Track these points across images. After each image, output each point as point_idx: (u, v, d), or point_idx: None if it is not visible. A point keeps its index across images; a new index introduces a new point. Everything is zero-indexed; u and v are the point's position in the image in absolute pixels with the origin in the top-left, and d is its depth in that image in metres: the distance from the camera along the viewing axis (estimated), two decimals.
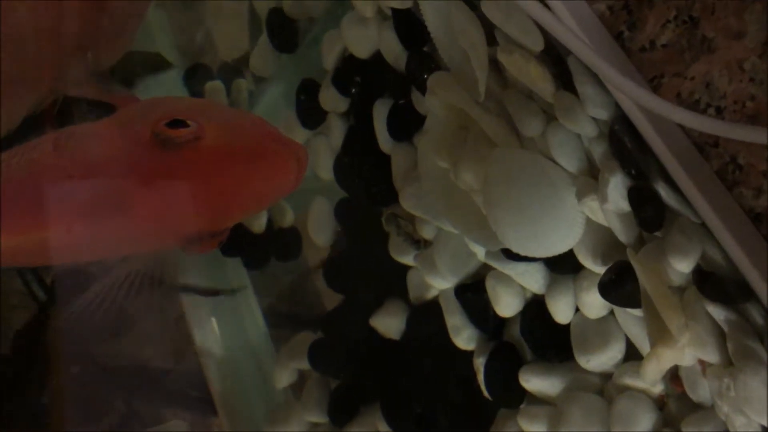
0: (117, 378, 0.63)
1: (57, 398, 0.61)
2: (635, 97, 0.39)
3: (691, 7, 0.40)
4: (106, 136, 0.43)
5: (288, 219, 0.59)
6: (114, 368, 0.63)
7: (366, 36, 0.50)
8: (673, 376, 0.42)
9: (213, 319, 0.60)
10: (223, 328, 0.61)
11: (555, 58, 0.43)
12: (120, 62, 0.50)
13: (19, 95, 0.47)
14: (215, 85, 0.58)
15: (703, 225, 0.40)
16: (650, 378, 0.41)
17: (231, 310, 0.61)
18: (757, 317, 0.39)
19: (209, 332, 0.60)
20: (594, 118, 0.42)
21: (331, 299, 0.57)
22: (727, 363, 0.39)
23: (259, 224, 0.58)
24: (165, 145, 0.40)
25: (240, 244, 0.59)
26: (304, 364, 0.56)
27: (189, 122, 0.41)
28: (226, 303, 0.61)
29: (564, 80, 0.43)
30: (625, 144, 0.41)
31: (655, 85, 0.41)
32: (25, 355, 0.62)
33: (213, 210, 0.42)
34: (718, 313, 0.40)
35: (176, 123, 0.40)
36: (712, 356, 0.40)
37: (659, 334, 0.40)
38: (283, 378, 0.57)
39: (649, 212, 0.41)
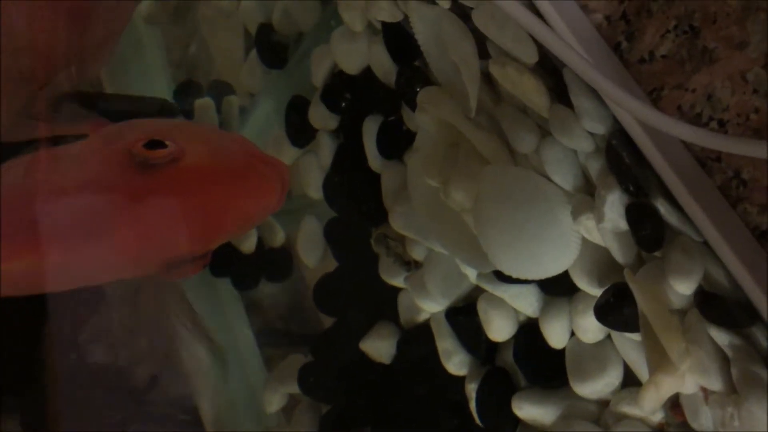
0: (108, 400, 0.59)
1: (52, 417, 0.58)
2: (637, 113, 0.36)
3: (692, 17, 0.37)
4: (83, 158, 0.40)
5: (278, 239, 0.56)
6: (104, 389, 0.60)
7: (355, 51, 0.48)
8: (674, 403, 0.39)
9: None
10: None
11: (550, 69, 0.41)
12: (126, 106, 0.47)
13: (4, 110, 0.44)
14: (205, 102, 0.55)
15: (706, 244, 0.37)
16: (649, 407, 0.37)
17: (222, 331, 0.58)
18: (763, 341, 0.36)
19: (199, 354, 0.57)
20: (590, 133, 0.39)
21: (329, 318, 0.54)
22: (731, 390, 0.36)
23: (248, 244, 0.55)
24: (143, 166, 0.38)
25: (229, 264, 0.56)
26: (295, 388, 0.53)
27: (167, 143, 0.38)
28: (217, 323, 0.58)
29: (559, 93, 0.40)
30: (623, 159, 0.38)
31: (654, 97, 0.39)
32: None
33: (193, 233, 0.39)
34: (721, 337, 0.37)
35: (154, 144, 0.38)
36: (714, 383, 0.37)
37: (658, 360, 0.37)
38: (274, 402, 0.54)
39: (648, 231, 0.38)
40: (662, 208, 0.38)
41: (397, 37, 0.46)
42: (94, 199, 0.39)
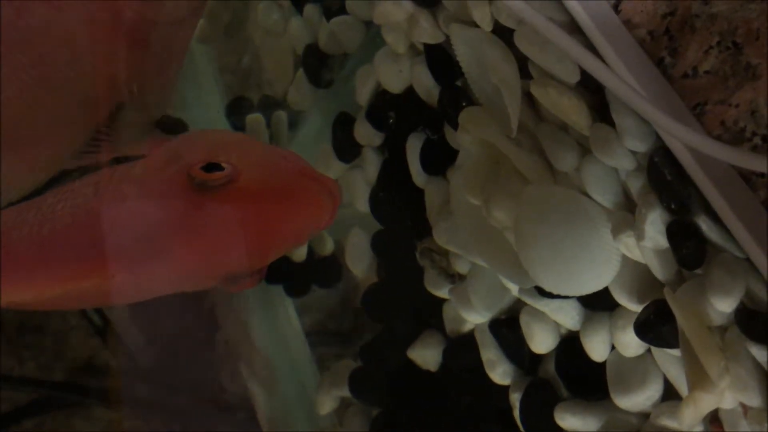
0: (171, 399, 0.60)
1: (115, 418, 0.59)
2: (691, 142, 0.35)
3: (735, 33, 0.36)
4: (144, 180, 0.41)
5: (328, 247, 0.56)
6: (168, 389, 0.60)
7: (398, 71, 0.47)
8: (713, 418, 0.38)
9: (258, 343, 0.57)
10: (269, 351, 0.58)
11: (591, 87, 0.40)
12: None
13: (64, 138, 0.45)
14: (256, 118, 0.56)
15: (748, 260, 0.36)
16: (688, 424, 0.37)
17: (274, 334, 0.58)
18: None
19: (254, 355, 0.57)
20: (632, 151, 0.38)
21: None
22: None
23: (300, 253, 0.56)
24: (201, 188, 0.39)
25: (281, 272, 0.56)
26: (346, 392, 0.53)
27: (224, 165, 0.39)
28: (269, 326, 0.58)
29: (601, 111, 0.39)
30: (664, 177, 0.37)
31: (698, 112, 0.38)
32: None
33: (249, 250, 0.40)
34: (761, 354, 0.36)
35: (211, 166, 0.39)
36: (754, 400, 0.36)
37: (697, 377, 0.36)
38: (326, 404, 0.54)
39: (689, 249, 0.37)
40: (704, 225, 0.37)
41: (439, 58, 0.45)
42: (156, 220, 0.40)
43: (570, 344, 0.42)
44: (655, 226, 0.37)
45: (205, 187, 0.39)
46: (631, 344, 0.39)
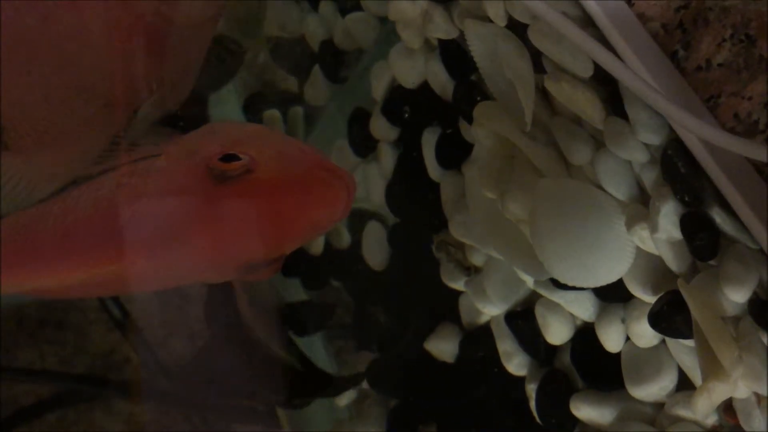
0: (191, 391, 0.61)
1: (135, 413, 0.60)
2: (706, 136, 0.36)
3: (748, 26, 0.37)
4: (164, 172, 0.42)
5: (344, 241, 0.57)
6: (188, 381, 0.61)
7: (413, 66, 0.48)
8: (727, 407, 0.39)
9: None
10: None
11: (605, 80, 0.40)
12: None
13: (93, 137, 0.46)
14: (272, 114, 0.57)
15: (761, 251, 0.36)
16: (702, 413, 0.37)
17: None
18: None
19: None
20: (645, 144, 0.39)
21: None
22: None
23: (317, 246, 0.57)
24: (219, 178, 0.40)
25: (299, 265, 0.57)
26: (364, 384, 0.54)
27: (241, 156, 0.40)
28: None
29: (614, 104, 0.40)
30: (678, 169, 0.37)
31: (711, 105, 0.38)
32: None
33: (266, 240, 0.41)
34: None
35: (229, 156, 0.40)
36: (767, 389, 0.36)
37: (711, 367, 0.37)
38: (344, 396, 0.55)
39: (702, 240, 0.37)
40: (717, 216, 0.37)
41: (453, 53, 0.46)
42: (176, 211, 0.41)
43: (585, 335, 0.43)
44: (668, 218, 0.37)
45: (224, 177, 0.39)
46: (645, 335, 0.40)
